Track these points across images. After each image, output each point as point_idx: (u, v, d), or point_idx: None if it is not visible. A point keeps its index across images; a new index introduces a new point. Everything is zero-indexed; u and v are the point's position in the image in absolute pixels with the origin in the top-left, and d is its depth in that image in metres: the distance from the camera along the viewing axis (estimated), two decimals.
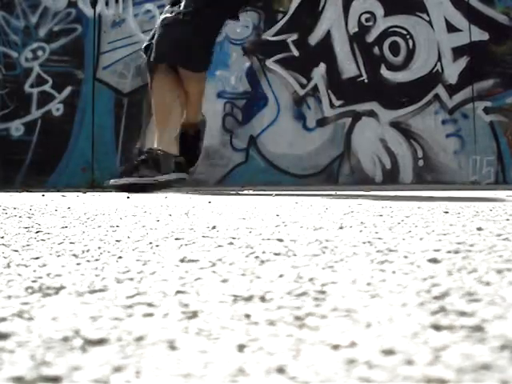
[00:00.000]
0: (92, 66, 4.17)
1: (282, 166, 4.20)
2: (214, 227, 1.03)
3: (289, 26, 4.19)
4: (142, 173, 2.71)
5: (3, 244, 0.85)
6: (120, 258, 0.72)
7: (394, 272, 0.61)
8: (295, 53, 4.22)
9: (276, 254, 0.73)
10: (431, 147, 4.22)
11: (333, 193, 2.43)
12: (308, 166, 4.19)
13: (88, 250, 0.78)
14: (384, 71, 4.25)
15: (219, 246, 0.81)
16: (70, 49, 4.18)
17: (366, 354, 0.36)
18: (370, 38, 4.27)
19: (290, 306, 0.48)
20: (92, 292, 0.54)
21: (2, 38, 4.18)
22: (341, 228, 1.00)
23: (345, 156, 4.21)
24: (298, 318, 0.44)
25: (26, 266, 0.67)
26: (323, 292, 0.52)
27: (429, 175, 4.22)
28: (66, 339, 0.40)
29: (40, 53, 4.16)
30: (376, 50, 4.26)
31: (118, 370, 0.34)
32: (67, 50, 4.18)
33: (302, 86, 4.22)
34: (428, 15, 4.28)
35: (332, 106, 4.22)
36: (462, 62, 4.25)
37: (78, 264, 0.68)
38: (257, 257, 0.71)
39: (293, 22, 4.21)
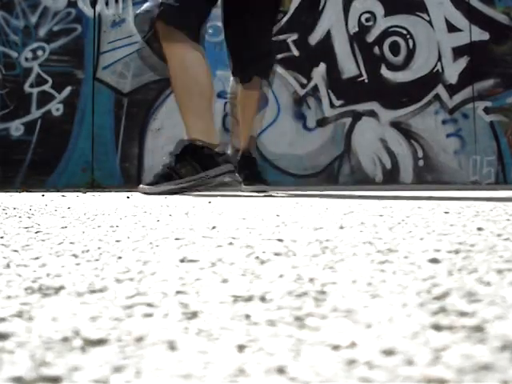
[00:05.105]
0: (92, 65, 4.17)
1: (282, 166, 4.20)
2: (214, 227, 1.03)
3: (289, 25, 4.19)
4: (183, 173, 2.32)
5: (3, 244, 0.85)
6: (120, 258, 0.72)
7: (394, 272, 0.61)
8: (295, 53, 4.22)
9: (276, 254, 0.73)
10: (431, 147, 4.22)
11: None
12: (308, 166, 4.19)
13: (88, 250, 0.78)
14: (384, 71, 4.25)
15: (219, 246, 0.81)
16: (70, 49, 4.18)
17: (367, 355, 0.36)
18: (370, 37, 4.27)
19: (290, 306, 0.48)
20: (92, 292, 0.54)
21: (1, 37, 4.18)
22: (341, 228, 1.00)
23: (345, 156, 4.21)
24: (298, 319, 0.44)
25: (26, 266, 0.67)
26: (323, 292, 0.52)
27: (429, 175, 4.22)
28: (65, 339, 0.40)
29: (40, 53, 4.16)
30: (376, 49, 4.26)
31: (117, 370, 0.34)
32: (67, 49, 4.18)
33: (302, 86, 4.23)
34: (428, 15, 4.28)
35: (332, 105, 4.22)
36: (463, 62, 4.25)
37: (77, 264, 0.68)
38: (257, 257, 0.71)
39: (293, 21, 4.21)
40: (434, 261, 0.66)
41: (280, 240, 0.85)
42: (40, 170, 4.11)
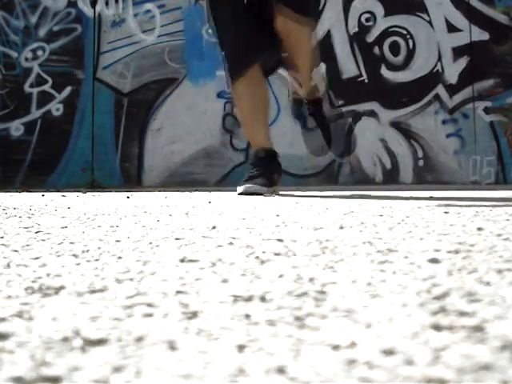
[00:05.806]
0: (92, 65, 4.17)
1: (282, 166, 4.19)
2: (214, 227, 1.03)
3: None
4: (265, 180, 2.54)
5: (3, 244, 0.85)
6: (120, 258, 0.72)
7: (394, 272, 0.61)
8: None
9: (276, 254, 0.73)
10: (431, 147, 4.22)
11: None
12: (308, 166, 4.18)
13: (88, 250, 0.78)
14: (384, 71, 4.25)
15: (219, 246, 0.81)
16: (70, 49, 4.18)
17: (366, 355, 0.36)
18: (370, 37, 4.27)
19: (290, 306, 0.48)
20: (92, 292, 0.54)
21: (1, 37, 4.17)
22: (341, 228, 1.00)
23: (345, 156, 4.21)
24: (298, 319, 0.44)
25: (26, 266, 0.67)
26: (323, 292, 0.52)
27: (429, 175, 4.22)
28: (65, 339, 0.40)
29: (40, 53, 4.16)
30: (376, 49, 4.26)
31: (117, 370, 0.34)
32: (67, 49, 4.18)
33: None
34: (428, 15, 4.28)
35: (332, 105, 4.22)
36: (462, 62, 4.25)
37: (77, 264, 0.68)
38: (257, 257, 0.71)
39: None
40: (434, 261, 0.66)
41: (280, 240, 0.85)
42: (40, 170, 4.10)
